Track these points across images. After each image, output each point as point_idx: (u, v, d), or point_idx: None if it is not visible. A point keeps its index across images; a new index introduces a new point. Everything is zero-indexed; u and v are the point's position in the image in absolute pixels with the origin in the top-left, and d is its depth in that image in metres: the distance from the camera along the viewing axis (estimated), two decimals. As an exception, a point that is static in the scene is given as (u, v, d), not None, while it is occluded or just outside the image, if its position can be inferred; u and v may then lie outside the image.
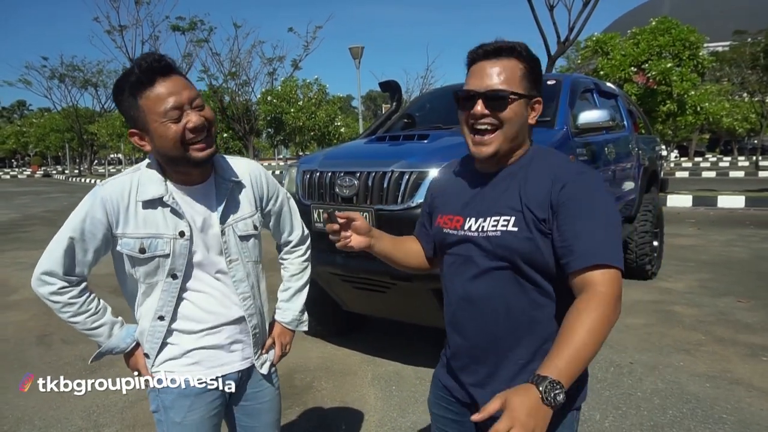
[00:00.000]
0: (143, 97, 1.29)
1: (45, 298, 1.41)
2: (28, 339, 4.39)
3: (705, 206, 12.13)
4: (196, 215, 1.43)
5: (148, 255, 1.38)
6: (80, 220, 1.37)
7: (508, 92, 1.20)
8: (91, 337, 1.48)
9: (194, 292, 1.46)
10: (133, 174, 1.41)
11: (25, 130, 49.06)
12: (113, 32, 24.73)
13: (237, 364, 1.55)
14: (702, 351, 3.79)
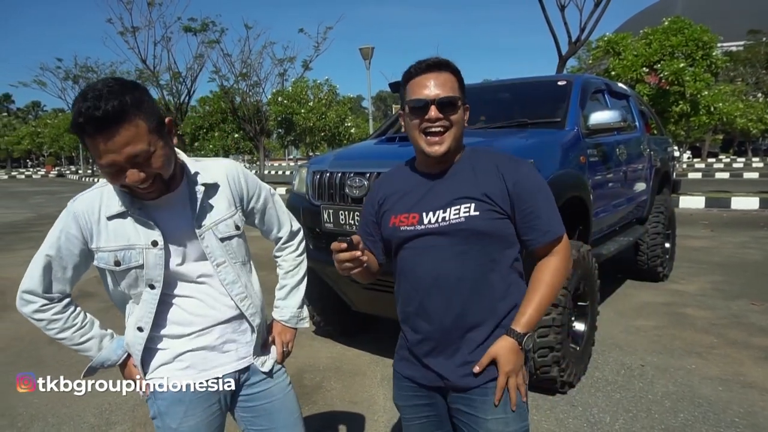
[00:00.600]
0: (89, 140, 1.20)
1: (29, 317, 1.40)
2: (41, 337, 4.42)
3: (718, 208, 11.99)
4: (169, 223, 1.40)
5: (123, 267, 1.37)
6: (56, 238, 1.37)
7: (457, 97, 1.41)
8: (81, 352, 1.47)
9: (179, 297, 1.45)
10: (103, 187, 1.38)
11: (39, 130, 49.67)
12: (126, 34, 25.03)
13: (232, 364, 1.52)
14: (714, 354, 3.76)
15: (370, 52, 17.56)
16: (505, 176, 1.40)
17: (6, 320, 4.97)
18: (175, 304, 1.45)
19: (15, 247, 8.98)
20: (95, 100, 1.15)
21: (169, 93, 27.45)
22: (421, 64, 1.44)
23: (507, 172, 1.40)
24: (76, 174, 45.65)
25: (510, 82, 4.97)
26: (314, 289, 4.04)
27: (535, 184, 1.41)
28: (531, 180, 1.41)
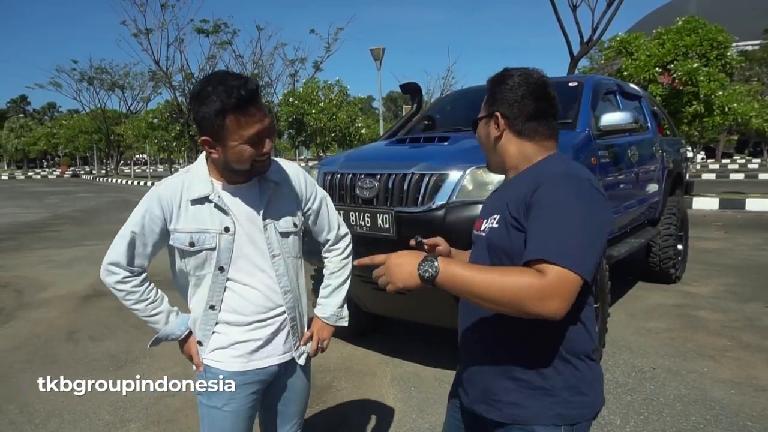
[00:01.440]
0: (232, 118, 1.38)
1: (111, 287, 1.56)
2: (57, 336, 4.53)
3: (732, 209, 11.85)
4: (241, 212, 1.55)
5: (196, 248, 1.52)
6: (140, 217, 1.52)
7: (479, 117, 1.42)
8: (149, 323, 1.62)
9: (241, 285, 1.57)
10: (185, 175, 1.56)
11: (55, 131, 50.27)
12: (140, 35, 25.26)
13: (277, 357, 1.66)
14: (727, 357, 3.73)
15: (381, 53, 17.58)
16: (536, 185, 1.22)
17: (22, 319, 5.05)
18: (236, 291, 1.57)
19: (32, 246, 9.11)
20: (239, 80, 1.37)
21: (182, 94, 27.67)
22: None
23: (540, 182, 1.22)
24: (90, 174, 46.17)
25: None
26: (325, 289, 4.08)
27: (553, 198, 1.17)
28: (551, 193, 1.17)
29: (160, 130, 31.14)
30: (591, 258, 1.12)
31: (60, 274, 6.79)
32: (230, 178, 1.54)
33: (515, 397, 1.25)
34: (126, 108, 40.99)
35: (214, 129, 1.40)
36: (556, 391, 1.23)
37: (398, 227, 3.10)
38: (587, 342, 1.26)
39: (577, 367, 1.24)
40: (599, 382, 1.31)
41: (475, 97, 5.27)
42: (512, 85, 1.35)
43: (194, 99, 1.41)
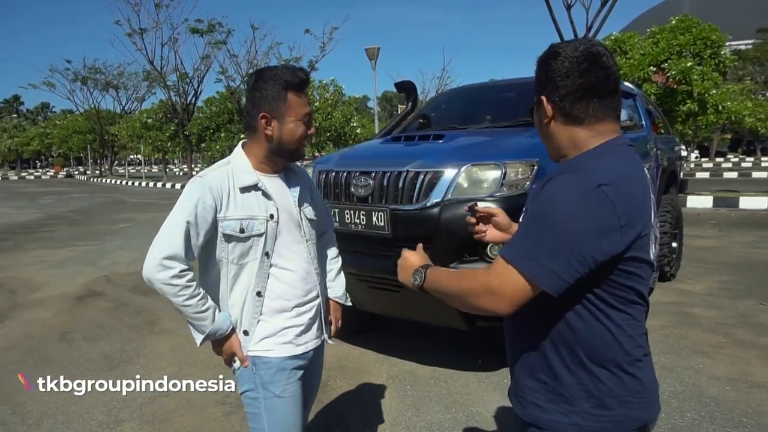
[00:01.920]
0: (293, 95, 1.59)
1: (164, 283, 1.51)
2: (50, 336, 4.49)
3: (726, 207, 11.91)
4: (280, 199, 1.67)
5: (246, 234, 1.59)
6: (193, 206, 1.54)
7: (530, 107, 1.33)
8: (198, 320, 1.59)
9: (282, 270, 1.66)
10: (226, 166, 1.63)
11: (48, 131, 49.94)
12: (134, 35, 25.16)
13: (315, 341, 1.77)
14: (722, 354, 3.74)
15: (375, 53, 17.57)
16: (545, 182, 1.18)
17: (16, 319, 5.02)
18: (279, 276, 1.66)
19: (26, 246, 9.06)
20: (298, 70, 1.60)
21: (176, 94, 27.57)
22: None
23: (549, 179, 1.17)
24: (84, 174, 45.97)
25: (516, 81, 4.97)
26: (320, 288, 4.07)
27: (538, 203, 1.13)
28: (540, 198, 1.12)
29: (154, 130, 31.00)
30: (554, 266, 1.06)
31: (53, 274, 6.74)
32: (270, 166, 1.67)
33: (538, 399, 1.22)
34: (120, 108, 40.85)
35: (276, 105, 1.57)
36: (575, 400, 1.17)
37: (393, 225, 3.09)
38: (616, 351, 1.15)
39: (600, 378, 1.15)
40: (635, 397, 1.17)
41: (469, 95, 5.29)
42: (557, 63, 1.20)
43: (258, 78, 1.58)
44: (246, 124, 1.68)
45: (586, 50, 1.18)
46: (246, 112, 1.65)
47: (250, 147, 1.67)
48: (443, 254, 2.95)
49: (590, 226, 1.05)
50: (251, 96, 1.61)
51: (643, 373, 1.19)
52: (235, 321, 1.65)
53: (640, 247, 1.11)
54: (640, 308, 1.19)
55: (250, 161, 1.66)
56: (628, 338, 1.16)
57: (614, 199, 1.06)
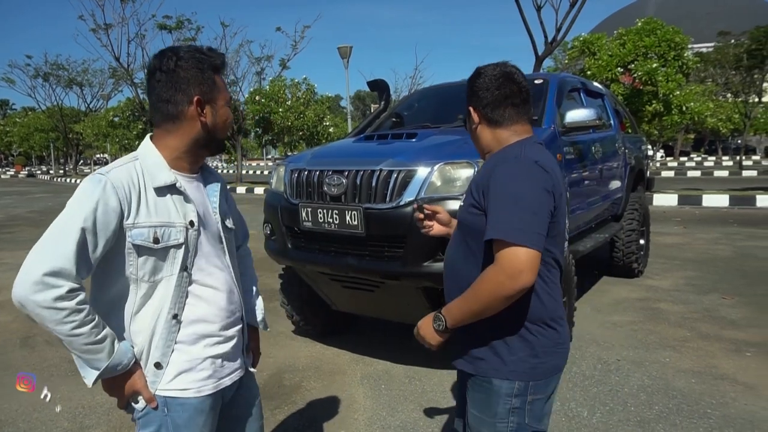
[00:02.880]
0: (218, 78, 1.40)
1: (45, 307, 1.16)
2: (11, 341, 4.33)
3: (690, 205, 12.27)
4: (199, 204, 1.41)
5: (161, 245, 1.30)
6: (91, 210, 1.21)
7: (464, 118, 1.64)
8: (90, 354, 1.24)
9: (204, 287, 1.40)
10: (133, 162, 1.34)
11: (8, 129, 48.33)
12: (98, 31, 24.40)
13: (237, 371, 1.50)
14: (687, 347, 3.84)
15: (348, 51, 17.53)
16: (492, 170, 1.42)
17: (-26, 324, 4.82)
18: (200, 295, 1.39)
19: (-17, 249, 8.72)
20: (217, 51, 1.41)
21: (143, 91, 26.95)
22: None
23: (494, 166, 1.42)
24: (47, 174, 44.57)
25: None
26: (293, 288, 4.03)
27: (503, 181, 1.36)
28: (502, 176, 1.37)
29: (121, 129, 30.28)
30: (536, 227, 1.31)
31: (14, 277, 6.45)
32: (189, 163, 1.41)
33: (483, 353, 1.46)
34: (85, 106, 39.73)
35: (207, 87, 1.36)
36: (514, 350, 1.43)
37: (367, 224, 3.07)
38: (543, 310, 1.43)
39: (531, 332, 1.43)
40: (557, 348, 1.47)
41: (442, 94, 5.30)
42: (480, 80, 1.54)
43: (178, 58, 1.33)
44: (161, 113, 1.36)
45: (504, 69, 1.53)
46: (161, 99, 1.35)
47: (165, 140, 1.38)
48: (417, 253, 2.94)
49: (542, 188, 1.35)
50: (172, 78, 1.33)
51: (562, 329, 1.49)
52: (140, 351, 1.33)
53: (559, 216, 1.41)
54: (556, 272, 1.48)
55: (164, 157, 1.37)
56: (550, 298, 1.44)
57: (547, 169, 1.39)
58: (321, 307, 3.99)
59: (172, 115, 1.35)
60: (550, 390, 1.50)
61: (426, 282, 3.04)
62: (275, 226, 3.59)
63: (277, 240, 3.62)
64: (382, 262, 3.10)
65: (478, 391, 1.50)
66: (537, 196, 1.34)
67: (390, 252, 3.09)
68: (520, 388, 1.43)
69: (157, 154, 1.36)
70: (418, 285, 3.09)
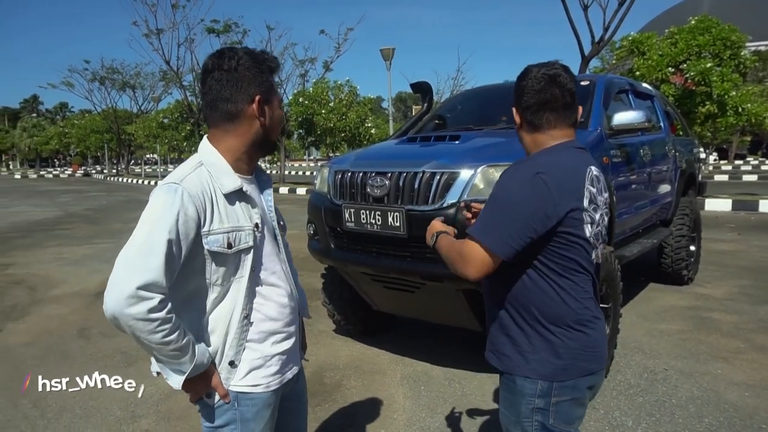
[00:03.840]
0: (273, 80, 1.43)
1: (138, 319, 1.20)
2: (69, 332, 4.57)
3: (746, 210, 11.70)
4: (260, 206, 1.45)
5: (234, 250, 1.34)
6: (174, 220, 1.24)
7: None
8: (176, 359, 1.30)
9: (270, 287, 1.45)
10: (199, 168, 1.35)
11: (67, 131, 50.71)
12: (150, 36, 25.43)
13: (297, 364, 1.58)
14: (741, 359, 3.68)
15: (390, 53, 17.57)
16: None
17: (35, 315, 5.10)
18: (266, 295, 1.44)
19: (44, 244, 9.20)
20: (271, 55, 1.44)
21: (192, 93, 27.83)
22: None
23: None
24: (101, 173, 46.57)
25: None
26: (335, 288, 4.09)
27: (498, 183, 1.47)
28: (500, 178, 1.48)
29: (170, 130, 31.33)
30: (505, 233, 1.38)
31: (71, 271, 6.85)
32: (247, 164, 1.44)
33: (507, 350, 1.52)
34: (137, 108, 41.32)
35: (265, 88, 1.39)
36: (536, 350, 1.46)
37: (409, 225, 3.09)
38: (565, 312, 1.45)
39: (553, 333, 1.45)
40: (584, 351, 1.47)
41: (485, 95, 5.27)
42: (524, 81, 1.53)
43: (239, 58, 1.35)
44: (219, 112, 1.37)
45: (549, 71, 1.50)
46: (220, 98, 1.36)
47: (224, 141, 1.39)
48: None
49: (529, 203, 1.38)
50: (233, 77, 1.34)
51: (593, 332, 1.49)
52: (215, 350, 1.38)
53: (573, 225, 1.42)
54: (583, 277, 1.48)
55: (226, 160, 1.39)
56: (573, 300, 1.45)
57: (549, 183, 1.38)
58: (362, 307, 4.04)
59: (231, 113, 1.37)
60: (581, 393, 1.49)
61: (467, 284, 3.03)
62: (319, 226, 3.66)
63: (320, 240, 3.69)
64: (424, 264, 3.11)
65: (504, 389, 1.56)
66: (520, 205, 1.38)
67: (432, 254, 3.08)
68: (543, 388, 1.45)
69: (220, 158, 1.38)
70: (458, 287, 3.08)
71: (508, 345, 1.51)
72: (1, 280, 6.52)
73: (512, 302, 1.49)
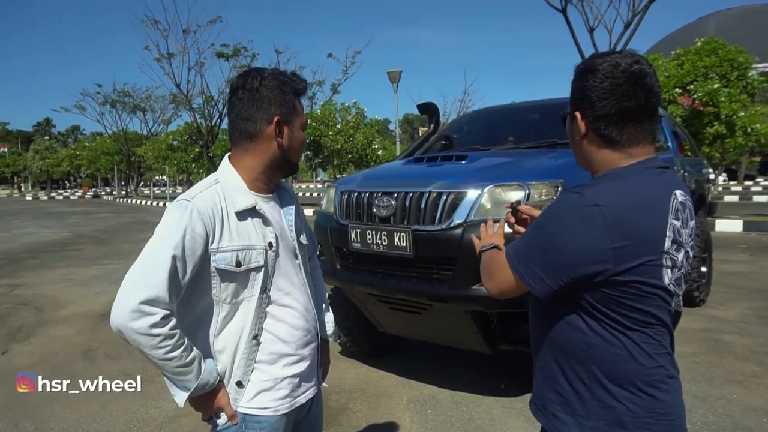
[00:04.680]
0: (298, 101, 1.43)
1: (142, 333, 1.21)
2: (74, 353, 4.54)
3: (757, 231, 11.58)
4: (277, 224, 1.44)
5: (243, 268, 1.34)
6: (180, 237, 1.25)
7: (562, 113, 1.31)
8: (181, 375, 1.29)
9: (281, 307, 1.42)
10: (214, 186, 1.37)
11: (78, 153, 51.44)
12: (162, 60, 25.87)
13: (312, 389, 1.52)
14: (757, 383, 3.59)
15: (397, 76, 17.79)
16: None
17: (41, 336, 5.09)
18: (277, 315, 1.41)
19: (52, 265, 9.24)
20: (300, 77, 1.44)
21: (201, 116, 28.19)
22: None
23: None
24: (111, 195, 47.01)
25: (539, 103, 4.95)
26: (341, 309, 4.05)
27: (544, 212, 1.23)
28: (547, 208, 1.22)
29: (179, 152, 31.62)
30: (541, 271, 1.14)
31: (79, 292, 6.85)
32: (266, 184, 1.44)
33: (556, 410, 1.23)
34: (147, 130, 41.90)
35: (287, 109, 1.38)
36: (592, 416, 1.16)
37: (415, 246, 3.06)
38: (633, 370, 1.14)
39: (615, 397, 1.14)
40: (653, 419, 1.13)
41: (492, 116, 5.29)
42: (595, 80, 1.16)
43: (263, 78, 1.37)
44: (239, 131, 1.39)
45: (627, 69, 1.13)
46: (240, 117, 1.38)
47: (242, 160, 1.41)
48: (465, 276, 2.91)
49: (579, 241, 1.09)
50: (254, 97, 1.36)
51: (665, 395, 1.15)
52: (224, 370, 1.37)
53: (646, 273, 1.11)
54: (660, 329, 1.17)
55: (243, 178, 1.40)
56: (646, 357, 1.14)
57: (610, 220, 1.08)
58: (368, 328, 3.99)
59: (250, 133, 1.38)
60: None
61: (474, 306, 2.99)
62: (325, 246, 3.64)
63: (326, 260, 3.67)
64: (430, 285, 3.08)
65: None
66: (564, 240, 1.11)
67: (438, 274, 3.07)
68: None
69: (236, 177, 1.39)
70: (466, 308, 3.04)
71: (557, 403, 1.23)
72: (9, 301, 6.53)
73: (566, 353, 1.21)
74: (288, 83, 1.40)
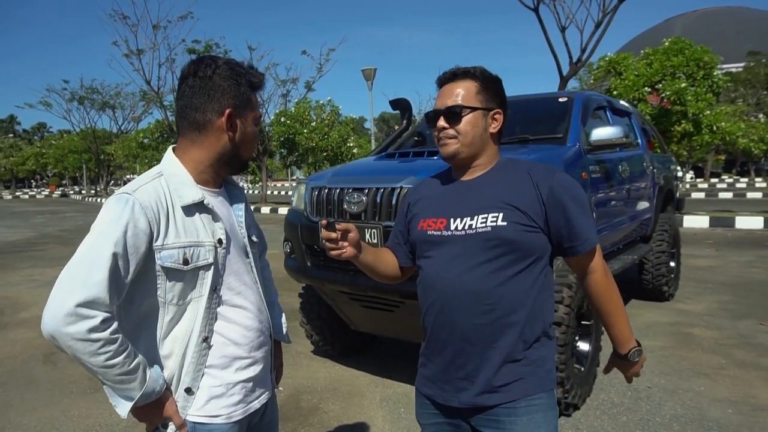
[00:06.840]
0: (254, 96, 1.35)
1: (78, 339, 1.09)
2: (35, 356, 4.37)
3: (723, 227, 11.90)
4: (226, 220, 1.35)
5: (191, 266, 1.24)
6: (121, 233, 1.15)
7: (463, 107, 1.41)
8: (123, 384, 1.18)
9: (232, 307, 1.33)
10: (158, 179, 1.27)
11: (44, 151, 50.01)
12: (131, 56, 25.21)
13: (266, 394, 1.44)
14: (723, 375, 3.65)
15: (372, 73, 17.73)
16: (539, 184, 1.37)
17: (0, 339, 4.89)
18: (228, 316, 1.32)
19: (15, 266, 8.93)
20: (256, 70, 1.36)
21: (173, 113, 27.65)
22: (445, 73, 1.49)
23: (541, 180, 1.37)
24: (80, 194, 45.84)
25: (512, 99, 4.94)
26: (312, 307, 3.98)
27: (571, 191, 1.38)
28: (566, 187, 1.38)
29: (150, 150, 31.05)
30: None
31: (42, 293, 6.61)
32: (213, 178, 1.35)
33: (520, 373, 1.36)
34: (116, 128, 40.92)
35: (240, 101, 1.30)
36: (547, 361, 1.40)
37: (387, 241, 3.01)
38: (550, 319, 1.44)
39: (551, 338, 1.43)
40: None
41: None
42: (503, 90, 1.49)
43: (216, 67, 1.28)
44: (187, 121, 1.30)
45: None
46: (189, 106, 1.29)
47: (189, 152, 1.32)
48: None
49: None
50: (206, 85, 1.27)
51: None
52: (170, 376, 1.26)
53: None
54: None
55: (189, 171, 1.31)
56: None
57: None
58: (340, 326, 3.94)
59: (198, 123, 1.29)
60: None
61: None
62: (295, 244, 3.57)
63: (296, 258, 3.60)
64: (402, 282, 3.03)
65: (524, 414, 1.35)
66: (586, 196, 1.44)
67: (410, 271, 3.02)
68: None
69: (182, 169, 1.30)
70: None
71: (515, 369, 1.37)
72: (-33, 303, 6.27)
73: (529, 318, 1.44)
74: (243, 74, 1.31)
